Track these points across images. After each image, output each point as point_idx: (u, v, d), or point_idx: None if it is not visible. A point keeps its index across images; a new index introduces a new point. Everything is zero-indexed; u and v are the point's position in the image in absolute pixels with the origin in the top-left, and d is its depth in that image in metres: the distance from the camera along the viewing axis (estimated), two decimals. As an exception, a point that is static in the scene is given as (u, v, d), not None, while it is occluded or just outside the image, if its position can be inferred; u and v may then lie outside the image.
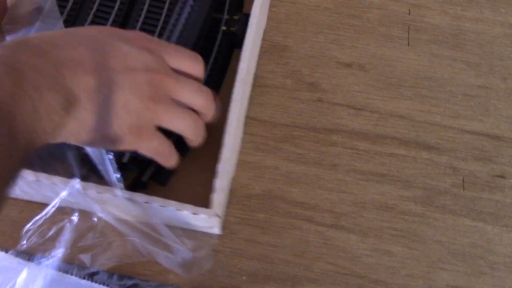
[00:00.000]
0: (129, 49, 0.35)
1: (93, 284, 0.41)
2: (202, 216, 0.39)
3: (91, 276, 0.42)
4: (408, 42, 0.53)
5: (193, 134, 0.39)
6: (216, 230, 0.43)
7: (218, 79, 0.50)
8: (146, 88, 0.35)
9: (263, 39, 0.53)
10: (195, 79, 0.40)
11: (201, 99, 0.38)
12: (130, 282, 0.42)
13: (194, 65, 0.39)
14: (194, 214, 0.39)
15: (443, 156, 0.47)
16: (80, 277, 0.41)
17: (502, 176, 0.47)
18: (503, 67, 0.52)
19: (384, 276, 0.43)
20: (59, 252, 0.41)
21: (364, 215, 0.45)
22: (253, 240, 0.44)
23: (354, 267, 0.43)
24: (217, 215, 0.39)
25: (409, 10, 0.55)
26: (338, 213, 0.45)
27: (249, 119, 0.49)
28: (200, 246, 0.42)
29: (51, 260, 0.41)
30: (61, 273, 0.41)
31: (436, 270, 0.43)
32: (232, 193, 0.46)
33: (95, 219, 0.41)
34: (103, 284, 0.41)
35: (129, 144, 0.36)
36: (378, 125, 0.49)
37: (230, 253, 0.43)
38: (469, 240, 0.44)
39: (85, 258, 0.41)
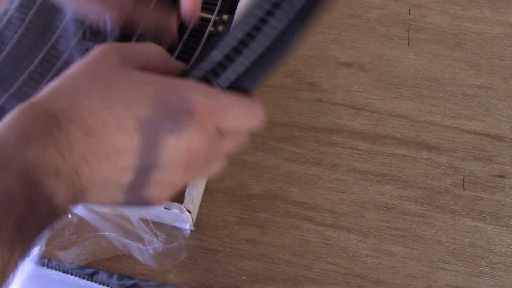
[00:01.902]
0: (180, 138, 0.28)
1: (93, 284, 0.41)
2: (174, 211, 0.39)
3: (91, 276, 0.42)
4: (408, 42, 0.53)
5: None
6: (189, 225, 0.43)
7: None
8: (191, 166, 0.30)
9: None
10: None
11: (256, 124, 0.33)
12: (130, 282, 0.42)
13: (254, 123, 0.32)
14: (166, 208, 0.39)
15: (443, 156, 0.47)
16: (80, 277, 0.41)
17: (502, 176, 0.47)
18: (503, 67, 0.52)
19: (384, 276, 0.43)
20: (35, 250, 0.41)
21: (364, 215, 0.45)
22: (253, 240, 0.44)
23: (354, 267, 0.43)
24: (188, 210, 0.39)
25: (409, 10, 0.55)
26: (338, 213, 0.45)
27: (249, 119, 0.49)
28: (171, 239, 0.42)
29: (27, 258, 0.41)
30: (61, 273, 0.41)
31: (436, 270, 0.43)
32: (232, 193, 0.46)
33: (70, 216, 0.41)
34: (103, 284, 0.41)
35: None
36: (378, 125, 0.49)
37: (230, 253, 0.43)
38: (469, 240, 0.44)
39: (61, 254, 0.41)
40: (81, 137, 0.26)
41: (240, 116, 0.31)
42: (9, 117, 0.26)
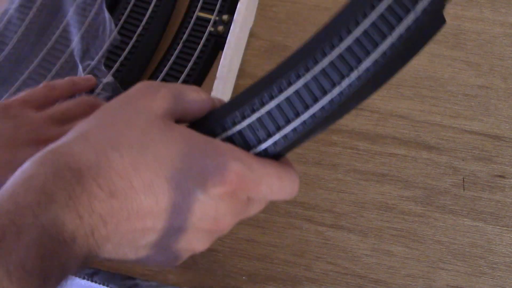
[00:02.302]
0: (209, 203, 0.26)
1: (93, 284, 0.42)
2: None
3: (91, 276, 0.42)
4: (408, 42, 0.53)
5: None
6: None
7: (196, 82, 0.49)
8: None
9: (263, 39, 0.53)
10: None
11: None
12: (130, 282, 0.42)
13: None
14: None
15: (443, 156, 0.47)
16: (80, 277, 0.41)
17: (502, 176, 0.47)
18: (503, 67, 0.52)
19: (384, 276, 0.43)
20: None
21: (364, 215, 0.45)
22: (253, 240, 0.44)
23: (354, 267, 0.43)
24: None
25: (409, 10, 0.55)
26: (338, 213, 0.45)
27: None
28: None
29: None
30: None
31: (436, 270, 0.43)
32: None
33: None
34: (103, 284, 0.41)
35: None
36: (378, 125, 0.49)
37: (230, 253, 0.43)
38: (470, 240, 0.44)
39: None
40: (104, 198, 0.24)
41: (274, 188, 0.28)
42: (28, 167, 0.24)
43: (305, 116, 0.26)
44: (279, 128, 0.27)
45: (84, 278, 0.41)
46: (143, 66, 0.51)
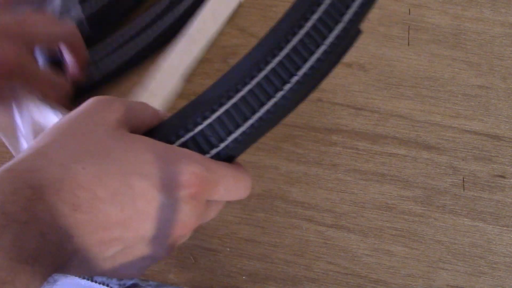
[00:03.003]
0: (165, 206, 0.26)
1: (93, 284, 0.41)
2: None
3: (91, 276, 0.42)
4: (408, 42, 0.53)
5: None
6: None
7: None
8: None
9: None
10: None
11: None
12: (129, 282, 0.42)
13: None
14: None
15: (443, 156, 0.47)
16: (80, 277, 0.41)
17: (502, 176, 0.47)
18: (503, 66, 0.52)
19: (384, 276, 0.43)
20: None
21: (364, 215, 0.45)
22: (253, 240, 0.44)
23: (354, 267, 0.43)
24: None
25: (409, 10, 0.55)
26: (338, 213, 0.45)
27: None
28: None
29: None
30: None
31: (436, 270, 0.43)
32: (232, 193, 0.46)
33: None
34: (103, 284, 0.41)
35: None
36: (378, 125, 0.49)
37: (230, 253, 0.43)
38: (470, 240, 0.44)
39: None
40: (68, 212, 0.23)
41: (231, 188, 0.29)
42: None
43: (253, 119, 0.29)
44: (229, 133, 0.29)
45: (84, 278, 0.41)
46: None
